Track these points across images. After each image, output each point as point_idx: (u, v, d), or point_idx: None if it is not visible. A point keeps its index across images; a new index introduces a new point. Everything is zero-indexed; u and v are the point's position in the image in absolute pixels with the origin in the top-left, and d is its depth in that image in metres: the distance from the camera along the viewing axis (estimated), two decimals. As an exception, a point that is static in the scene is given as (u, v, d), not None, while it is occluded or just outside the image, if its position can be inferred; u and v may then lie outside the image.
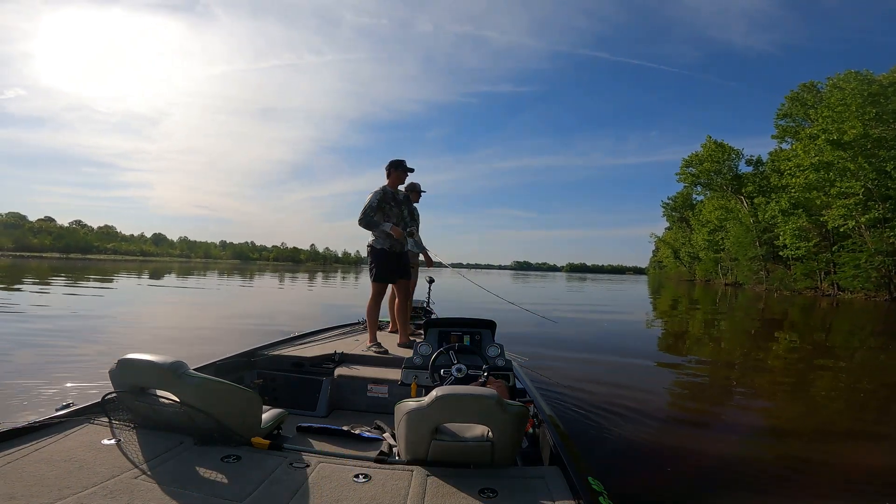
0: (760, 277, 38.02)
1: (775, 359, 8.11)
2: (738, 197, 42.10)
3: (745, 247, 39.16)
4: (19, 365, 5.15)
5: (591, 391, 4.90)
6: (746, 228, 39.11)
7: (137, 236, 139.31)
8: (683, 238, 62.58)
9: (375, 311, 4.13)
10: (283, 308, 13.78)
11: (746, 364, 7.46)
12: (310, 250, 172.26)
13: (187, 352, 3.78)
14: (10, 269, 29.37)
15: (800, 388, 5.92)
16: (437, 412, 1.63)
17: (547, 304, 17.58)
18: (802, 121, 35.50)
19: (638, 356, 7.56)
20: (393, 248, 4.21)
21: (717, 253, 47.90)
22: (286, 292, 20.80)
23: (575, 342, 8.63)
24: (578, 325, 11.52)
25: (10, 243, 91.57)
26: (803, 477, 3.11)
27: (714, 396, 5.45)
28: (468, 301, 15.11)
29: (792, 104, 36.54)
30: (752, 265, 39.17)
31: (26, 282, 18.93)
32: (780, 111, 37.75)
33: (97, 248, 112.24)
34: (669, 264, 75.33)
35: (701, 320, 14.32)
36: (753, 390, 5.81)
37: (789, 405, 5.13)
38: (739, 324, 13.89)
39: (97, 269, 35.84)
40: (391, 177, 4.25)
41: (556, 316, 11.51)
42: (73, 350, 6.02)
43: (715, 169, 43.62)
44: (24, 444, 1.63)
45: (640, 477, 2.97)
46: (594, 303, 20.76)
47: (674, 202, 67.78)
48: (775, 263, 37.40)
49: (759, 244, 37.67)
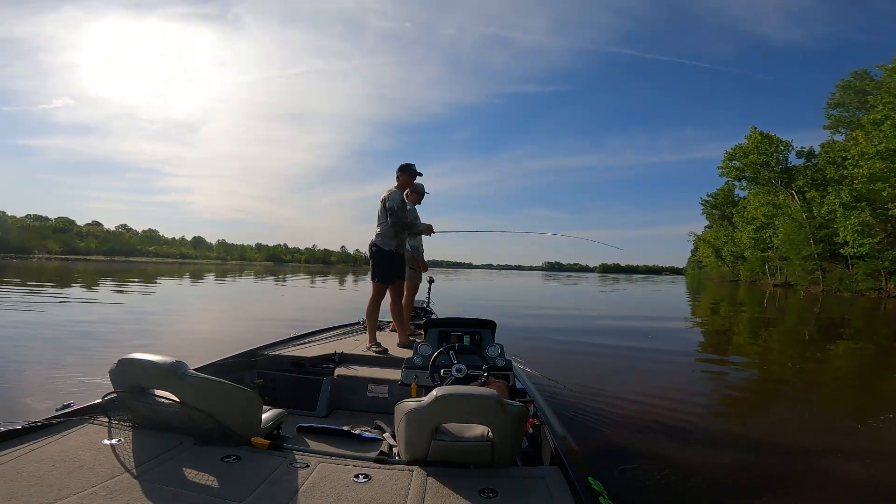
0: (816, 278, 35.19)
1: (818, 362, 7.54)
2: (788, 191, 39.47)
3: (797, 245, 36.30)
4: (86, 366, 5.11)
5: (591, 391, 4.88)
6: (799, 225, 36.28)
7: (178, 239, 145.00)
8: (726, 236, 59.62)
9: (376, 312, 4.15)
10: (319, 305, 13.65)
11: (770, 365, 7.08)
12: (340, 252, 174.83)
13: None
14: (57, 272, 30.49)
15: (845, 397, 5.50)
16: (437, 412, 1.61)
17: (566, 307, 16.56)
18: (857, 110, 33.78)
19: (661, 355, 7.44)
20: (398, 249, 4.28)
21: (765, 252, 45.01)
22: (318, 292, 20.79)
23: (583, 339, 8.68)
24: (600, 328, 10.98)
25: (58, 247, 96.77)
26: (803, 478, 3.04)
27: (726, 400, 5.22)
28: (488, 301, 14.62)
29: (844, 93, 35.09)
30: (806, 264, 36.34)
31: (72, 284, 19.36)
32: (831, 101, 36.37)
33: (140, 250, 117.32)
34: (710, 264, 71.82)
35: (737, 320, 13.47)
36: (775, 395, 5.45)
37: (802, 415, 4.68)
38: (784, 325, 12.83)
39: (139, 271, 37.12)
40: (401, 179, 4.38)
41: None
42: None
43: (762, 162, 40.84)
44: (25, 444, 1.62)
45: (641, 477, 2.93)
46: (614, 303, 19.68)
47: (714, 199, 65.33)
48: (833, 262, 34.67)
49: (814, 242, 35.02)
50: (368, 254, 4.33)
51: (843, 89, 35.09)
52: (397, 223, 4.14)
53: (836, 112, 36.19)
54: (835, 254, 33.81)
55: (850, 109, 35.08)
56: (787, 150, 40.35)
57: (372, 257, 4.26)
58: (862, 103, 32.32)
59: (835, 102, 36.19)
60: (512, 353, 3.39)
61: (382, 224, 4.24)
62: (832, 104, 36.44)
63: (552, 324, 11.65)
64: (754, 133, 41.22)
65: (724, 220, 61.48)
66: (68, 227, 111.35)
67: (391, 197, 4.20)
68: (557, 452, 1.90)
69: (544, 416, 2.41)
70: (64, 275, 26.57)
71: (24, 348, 6.18)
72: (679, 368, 6.66)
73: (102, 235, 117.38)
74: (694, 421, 4.12)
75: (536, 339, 8.49)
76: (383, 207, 4.23)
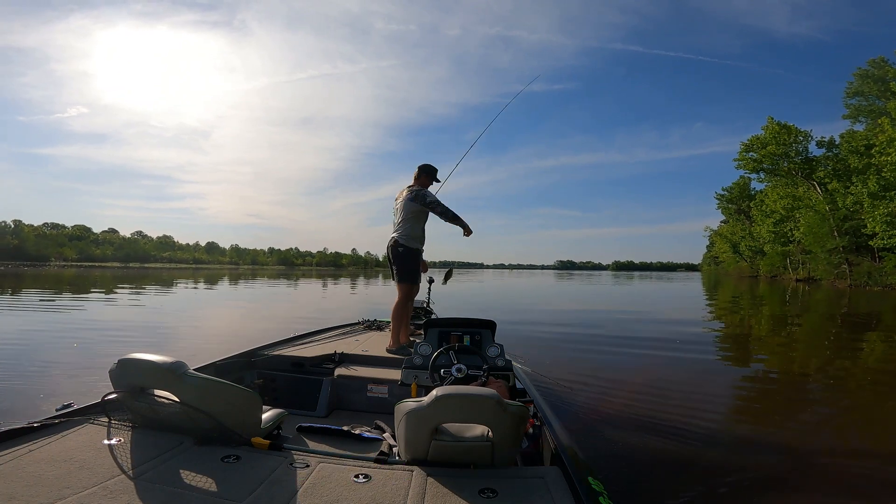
0: (842, 272, 33.85)
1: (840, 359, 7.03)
2: (809, 182, 38.20)
3: (821, 238, 34.93)
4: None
5: (592, 390, 4.86)
6: (822, 217, 34.95)
7: (192, 245, 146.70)
8: (743, 231, 58.05)
9: (404, 314, 3.98)
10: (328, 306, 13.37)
11: (786, 364, 6.76)
12: (351, 254, 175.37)
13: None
14: (68, 279, 30.65)
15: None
16: (436, 412, 1.60)
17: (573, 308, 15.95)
18: (876, 98, 32.78)
19: (663, 351, 7.34)
20: (421, 247, 4.19)
21: (786, 246, 43.60)
22: (328, 294, 20.56)
23: (583, 339, 8.65)
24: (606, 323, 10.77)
25: (75, 254, 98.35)
26: (811, 481, 2.95)
27: (733, 401, 5.00)
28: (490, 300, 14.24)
29: (862, 81, 34.17)
30: (832, 258, 35.01)
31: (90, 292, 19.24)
32: (850, 89, 35.61)
33: (154, 256, 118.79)
34: (727, 259, 70.08)
35: (754, 317, 12.71)
36: (787, 396, 5.13)
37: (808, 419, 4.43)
38: (806, 322, 12.01)
39: (154, 276, 37.43)
40: (422, 179, 4.24)
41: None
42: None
43: (781, 152, 39.62)
44: (25, 444, 1.62)
45: (641, 477, 2.92)
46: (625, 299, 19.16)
47: (729, 193, 63.92)
48: (859, 256, 33.28)
49: (839, 234, 33.68)
50: (390, 254, 4.09)
51: (862, 78, 34.36)
52: (447, 211, 4.01)
53: (854, 101, 35.42)
54: (862, 246, 32.47)
55: (870, 98, 34.30)
56: (807, 140, 39.11)
57: (396, 258, 4.04)
58: (882, 91, 31.60)
59: (853, 91, 35.44)
60: (512, 353, 3.36)
61: (404, 223, 4.04)
62: (850, 93, 35.69)
63: (554, 322, 11.39)
64: (771, 123, 39.91)
65: (741, 215, 60.00)
66: (84, 234, 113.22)
67: (425, 193, 4.06)
68: (557, 452, 1.90)
69: (544, 416, 2.41)
70: (74, 281, 26.64)
71: (24, 348, 6.28)
72: (685, 367, 6.38)
73: (118, 242, 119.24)
74: (697, 422, 3.97)
75: (536, 338, 8.37)
76: (404, 206, 4.04)
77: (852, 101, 35.69)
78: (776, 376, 6.09)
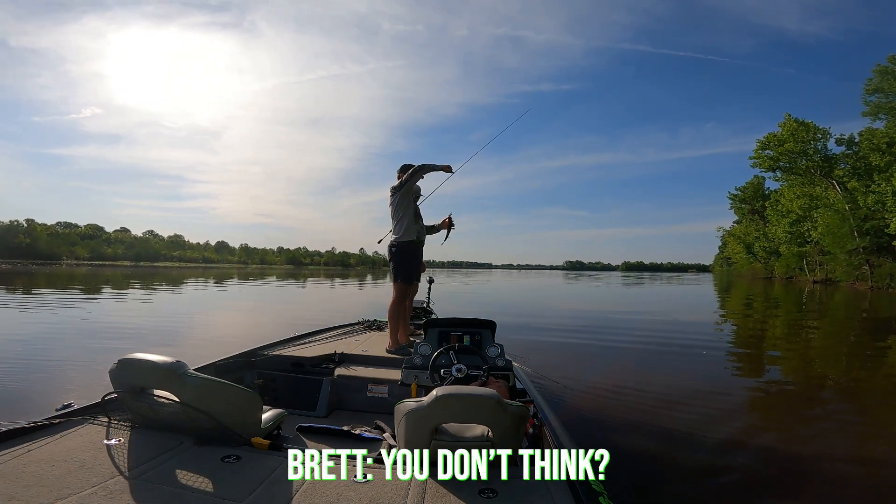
0: (863, 273, 32.90)
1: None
2: (828, 181, 37.18)
3: (840, 238, 33.92)
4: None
5: (593, 391, 4.83)
6: (842, 217, 33.96)
7: (202, 244, 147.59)
8: (757, 231, 56.91)
9: (401, 314, 3.93)
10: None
11: (796, 366, 6.59)
12: (359, 254, 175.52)
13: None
14: (75, 277, 30.74)
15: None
16: (436, 412, 1.60)
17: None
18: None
19: (660, 351, 7.27)
20: (420, 237, 4.11)
21: (802, 247, 42.52)
22: (335, 294, 20.36)
23: (584, 339, 8.57)
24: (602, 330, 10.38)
25: (86, 253, 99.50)
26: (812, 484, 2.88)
27: (736, 402, 4.82)
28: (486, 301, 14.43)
29: (882, 78, 33.39)
30: (852, 259, 34.01)
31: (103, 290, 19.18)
32: (869, 86, 34.70)
33: (164, 255, 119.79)
34: (740, 260, 68.77)
35: (767, 318, 12.28)
36: (798, 400, 5.01)
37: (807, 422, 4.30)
38: (824, 325, 11.51)
39: (163, 275, 37.38)
40: (402, 178, 4.11)
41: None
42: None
43: (799, 150, 38.59)
44: (25, 444, 1.62)
45: (641, 477, 2.87)
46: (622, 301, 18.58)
47: (743, 193, 62.78)
48: (881, 257, 32.27)
49: (860, 234, 32.66)
50: (388, 256, 4.13)
51: (881, 74, 33.49)
52: (417, 170, 3.93)
53: (874, 98, 34.54)
54: (884, 247, 31.48)
55: (890, 95, 33.43)
56: (826, 137, 38.09)
57: (391, 258, 4.06)
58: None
59: (873, 88, 34.51)
60: (512, 353, 3.35)
61: (398, 224, 4.04)
62: (870, 90, 34.74)
63: (555, 322, 11.25)
64: (789, 120, 38.95)
65: (755, 215, 58.85)
66: (97, 233, 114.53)
67: (399, 181, 4.07)
68: None
69: (544, 416, 2.41)
70: (83, 280, 26.62)
71: (25, 349, 6.28)
72: (691, 370, 6.24)
73: (129, 241, 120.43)
74: (698, 423, 3.92)
75: (537, 338, 8.33)
76: (391, 206, 4.07)
77: (872, 97, 34.80)
78: (785, 378, 6.06)
